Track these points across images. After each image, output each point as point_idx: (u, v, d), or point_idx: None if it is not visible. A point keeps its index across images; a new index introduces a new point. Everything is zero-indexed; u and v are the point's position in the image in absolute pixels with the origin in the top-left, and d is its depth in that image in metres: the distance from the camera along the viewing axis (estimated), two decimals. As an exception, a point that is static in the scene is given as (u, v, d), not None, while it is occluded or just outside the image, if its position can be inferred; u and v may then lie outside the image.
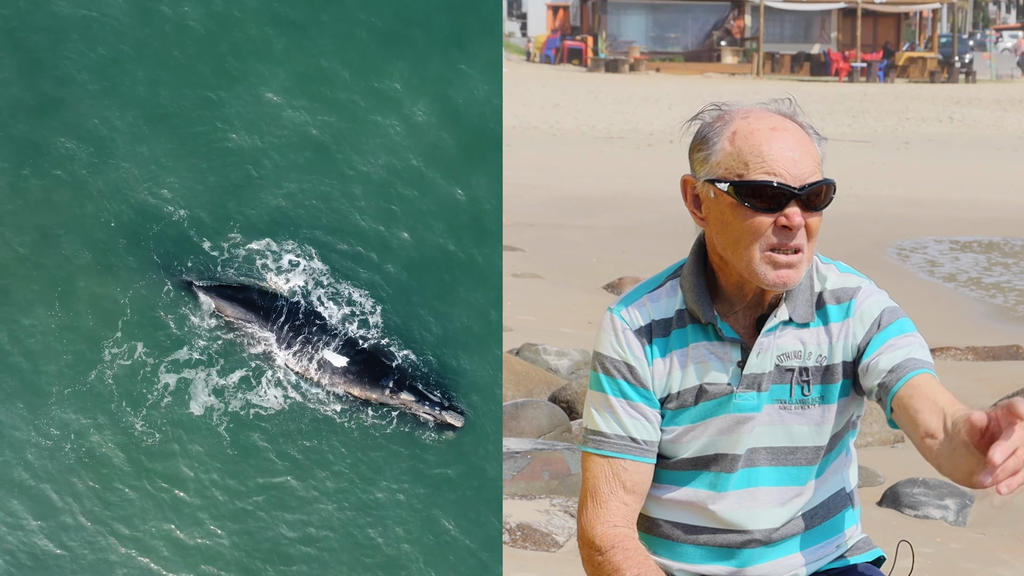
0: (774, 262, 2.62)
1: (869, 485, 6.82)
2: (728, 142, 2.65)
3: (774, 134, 2.63)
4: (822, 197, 2.63)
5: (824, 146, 2.73)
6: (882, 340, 2.67)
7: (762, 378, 2.71)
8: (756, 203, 2.61)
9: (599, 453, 2.76)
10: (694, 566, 2.80)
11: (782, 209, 2.60)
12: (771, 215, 2.61)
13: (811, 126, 2.71)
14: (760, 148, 2.62)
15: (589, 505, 2.75)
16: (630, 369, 2.75)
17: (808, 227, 2.63)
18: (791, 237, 2.62)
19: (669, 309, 2.77)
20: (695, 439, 2.75)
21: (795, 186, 2.60)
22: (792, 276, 2.63)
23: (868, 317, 2.70)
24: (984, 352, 10.71)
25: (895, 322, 2.70)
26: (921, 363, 2.63)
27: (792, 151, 2.62)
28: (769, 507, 2.76)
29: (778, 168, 2.61)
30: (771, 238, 2.62)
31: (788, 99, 2.74)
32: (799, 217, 2.60)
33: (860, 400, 2.78)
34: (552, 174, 22.68)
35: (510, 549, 5.54)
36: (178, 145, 5.75)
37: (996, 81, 49.97)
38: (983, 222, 19.46)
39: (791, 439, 2.74)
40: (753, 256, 2.63)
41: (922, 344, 2.68)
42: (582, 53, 51.74)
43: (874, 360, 2.66)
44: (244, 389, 5.49)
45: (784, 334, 2.72)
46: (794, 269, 2.63)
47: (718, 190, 2.64)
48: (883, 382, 2.63)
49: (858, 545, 2.88)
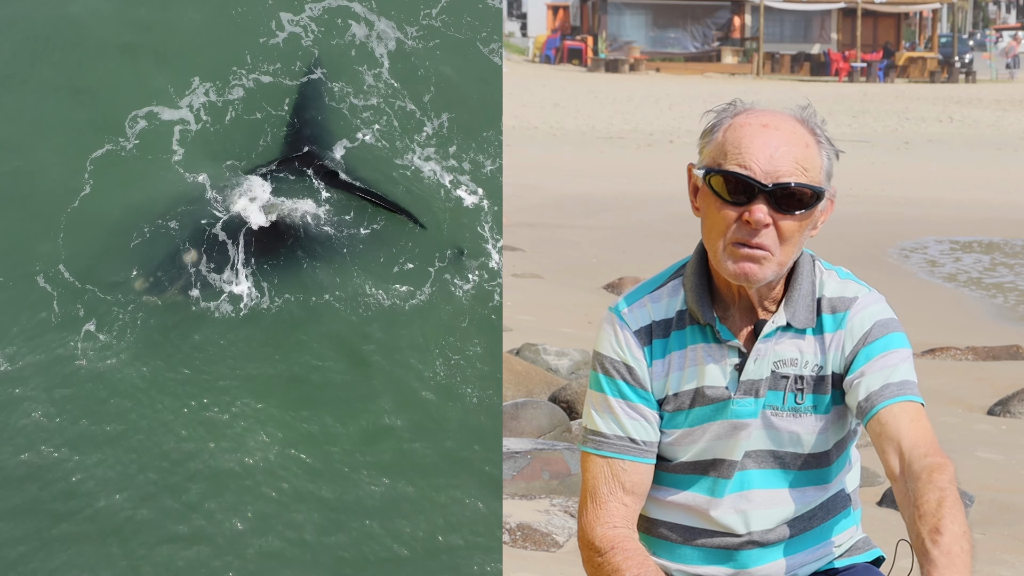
0: (735, 254, 2.62)
1: (869, 485, 6.82)
2: (722, 133, 2.65)
3: (762, 130, 2.62)
4: (796, 200, 2.60)
5: (831, 158, 2.67)
6: (866, 357, 2.67)
7: (759, 384, 2.71)
8: (725, 193, 2.61)
9: (599, 453, 2.75)
10: (693, 567, 2.80)
11: (749, 204, 2.60)
12: (737, 208, 2.60)
13: (825, 137, 2.67)
14: (741, 141, 2.62)
15: (589, 506, 2.75)
16: (629, 370, 2.75)
17: (779, 229, 2.60)
18: (753, 234, 2.59)
19: (670, 310, 2.76)
20: (693, 443, 2.75)
21: (764, 182, 2.59)
22: (752, 270, 2.61)
23: (858, 330, 2.69)
24: (984, 352, 10.71)
25: (882, 337, 2.68)
26: (895, 389, 2.63)
27: (772, 148, 2.60)
28: (764, 509, 2.75)
29: (750, 161, 2.60)
30: (736, 232, 2.61)
31: (811, 107, 2.72)
32: (762, 214, 2.58)
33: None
34: (552, 174, 22.66)
35: (510, 549, 5.54)
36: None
37: (996, 81, 49.96)
38: (983, 222, 19.44)
39: (779, 444, 2.73)
40: (719, 247, 2.63)
41: (904, 360, 2.67)
42: (582, 53, 51.71)
43: (856, 381, 2.66)
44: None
45: (782, 340, 2.71)
46: (757, 264, 2.61)
47: (703, 180, 2.65)
48: (859, 408, 2.65)
49: (857, 545, 2.88)
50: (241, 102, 6.01)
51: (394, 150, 6.01)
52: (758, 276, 2.62)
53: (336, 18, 6.28)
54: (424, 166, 5.97)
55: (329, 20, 6.25)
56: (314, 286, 5.69)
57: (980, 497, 6.63)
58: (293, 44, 6.20)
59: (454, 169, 5.99)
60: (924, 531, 2.45)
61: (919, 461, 2.54)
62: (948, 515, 2.45)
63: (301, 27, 6.19)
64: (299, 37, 6.17)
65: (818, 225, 2.68)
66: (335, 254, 5.77)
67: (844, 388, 2.69)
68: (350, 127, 6.06)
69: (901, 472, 2.56)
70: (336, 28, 6.27)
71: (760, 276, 2.62)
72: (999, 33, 60.51)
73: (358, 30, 6.21)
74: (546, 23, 57.10)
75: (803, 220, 2.62)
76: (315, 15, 6.19)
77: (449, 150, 6.03)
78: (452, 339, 5.67)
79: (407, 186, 5.95)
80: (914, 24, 54.41)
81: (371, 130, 6.02)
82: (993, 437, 8.18)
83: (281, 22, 6.15)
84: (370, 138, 5.99)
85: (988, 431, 8.35)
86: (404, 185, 5.95)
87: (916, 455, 2.55)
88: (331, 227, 5.77)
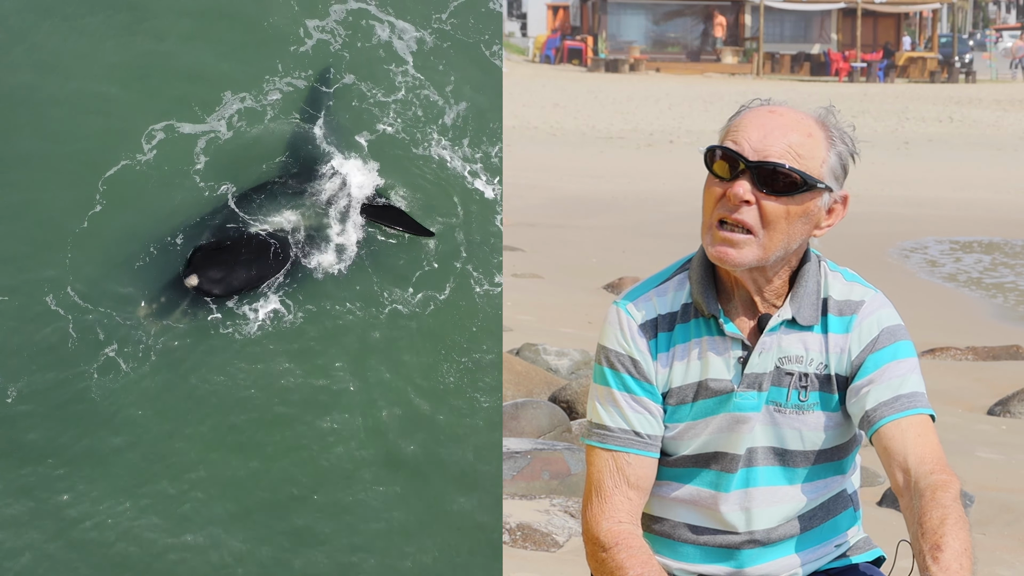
0: (715, 237, 2.62)
1: (869, 485, 6.82)
2: (735, 120, 2.67)
3: (767, 114, 2.63)
4: (780, 182, 2.59)
5: (843, 159, 2.66)
6: (874, 365, 2.67)
7: (763, 378, 2.71)
8: (716, 170, 2.62)
9: (603, 447, 2.75)
10: (694, 566, 2.80)
11: (733, 180, 2.60)
12: (723, 184, 2.61)
13: (842, 137, 2.65)
14: (743, 122, 2.63)
15: (594, 500, 2.74)
16: (634, 363, 2.74)
17: (762, 209, 2.59)
18: (733, 210, 2.59)
19: (675, 303, 2.76)
20: (695, 436, 2.75)
21: (750, 158, 2.59)
22: (730, 254, 2.61)
23: (867, 335, 2.69)
24: (984, 352, 10.71)
25: (891, 345, 2.68)
26: (905, 402, 2.64)
27: (768, 129, 2.60)
28: (766, 507, 2.75)
29: (741, 139, 2.61)
30: (719, 209, 2.62)
31: (834, 108, 2.71)
32: (742, 189, 2.58)
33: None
34: (552, 174, 22.65)
35: (510, 549, 5.54)
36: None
37: (996, 81, 49.93)
38: (983, 222, 19.44)
39: (782, 442, 2.73)
40: (705, 226, 2.64)
41: (913, 371, 2.68)
42: (582, 53, 51.68)
43: (863, 389, 2.66)
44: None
45: (788, 336, 2.71)
46: (735, 248, 2.60)
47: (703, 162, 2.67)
48: (865, 416, 2.65)
49: (858, 545, 2.88)
50: (273, 110, 6.02)
51: (414, 141, 6.03)
52: (736, 259, 2.61)
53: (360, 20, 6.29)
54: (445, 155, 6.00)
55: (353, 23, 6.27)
56: (335, 297, 5.69)
57: (980, 497, 6.63)
58: (321, 50, 6.20)
59: (468, 159, 6.02)
60: (926, 548, 2.47)
61: (925, 479, 2.55)
62: (950, 532, 2.47)
63: (328, 32, 6.21)
64: (327, 43, 6.19)
65: (821, 225, 2.67)
66: (352, 264, 5.78)
67: (848, 394, 2.69)
68: (373, 121, 6.08)
69: (906, 487, 2.58)
70: (360, 30, 6.28)
71: (738, 259, 2.61)
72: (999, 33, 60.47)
73: (381, 31, 6.23)
74: (546, 23, 57.05)
75: (788, 205, 2.60)
76: (340, 19, 6.20)
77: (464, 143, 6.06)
78: (459, 339, 5.68)
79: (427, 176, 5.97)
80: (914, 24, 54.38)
81: (394, 122, 6.03)
82: (993, 437, 8.18)
83: (308, 29, 6.15)
84: (392, 130, 6.01)
85: (988, 431, 8.35)
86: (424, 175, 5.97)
87: (922, 472, 2.56)
88: (348, 236, 5.79)
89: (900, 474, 2.59)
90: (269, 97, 6.00)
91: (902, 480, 2.59)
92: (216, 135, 5.89)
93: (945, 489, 2.53)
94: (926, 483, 2.55)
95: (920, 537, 2.49)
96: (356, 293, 5.72)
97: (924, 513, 2.51)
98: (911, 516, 2.54)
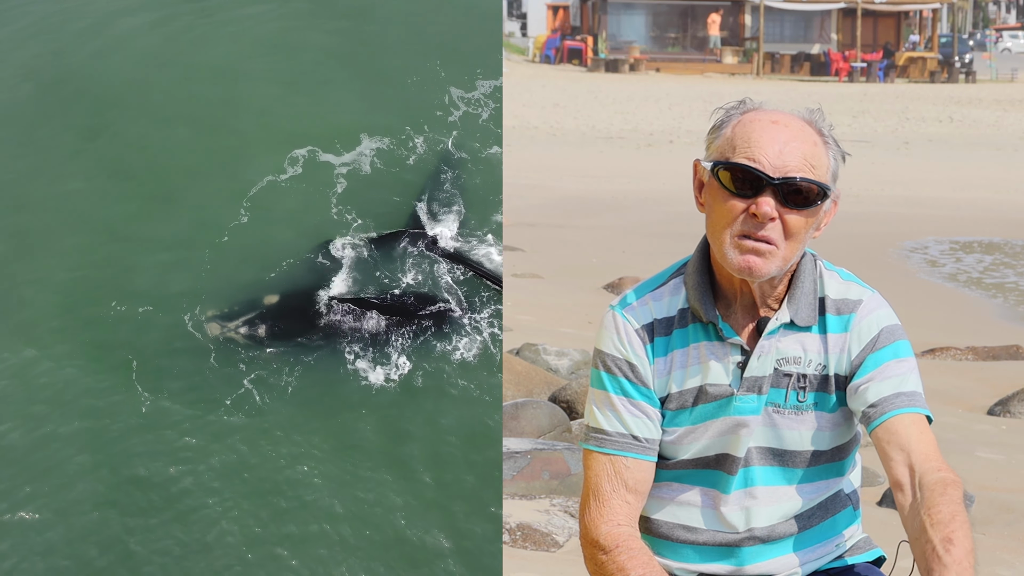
0: (740, 247, 2.62)
1: (869, 485, 6.81)
2: (731, 129, 2.66)
3: (772, 126, 2.63)
4: (803, 196, 2.60)
5: (838, 160, 2.68)
6: (875, 363, 2.67)
7: (762, 381, 2.71)
8: (732, 186, 2.61)
9: (601, 451, 2.75)
10: (695, 565, 2.80)
11: (756, 196, 2.60)
12: (745, 200, 2.61)
13: (832, 138, 2.69)
14: (751, 135, 2.63)
15: (592, 504, 2.74)
16: (631, 367, 2.75)
17: (785, 224, 2.60)
18: (760, 227, 2.60)
19: (672, 308, 2.77)
20: (695, 441, 2.75)
21: (772, 175, 2.59)
22: (758, 264, 2.61)
23: (866, 335, 2.70)
24: (984, 352, 10.70)
25: (890, 344, 2.69)
26: (906, 400, 2.64)
27: (782, 143, 2.61)
28: (766, 506, 2.76)
29: (758, 154, 2.60)
30: (742, 225, 2.61)
31: (820, 110, 2.73)
32: (768, 207, 2.59)
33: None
34: (552, 174, 22.64)
35: (510, 549, 5.53)
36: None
37: (996, 81, 49.92)
38: (983, 222, 19.43)
39: (781, 442, 2.73)
40: (724, 240, 2.63)
41: (913, 371, 2.68)
42: (582, 53, 51.67)
43: (864, 385, 2.66)
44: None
45: (786, 338, 2.71)
46: (762, 257, 2.61)
47: (711, 173, 2.65)
48: (866, 413, 2.65)
49: (858, 545, 2.88)
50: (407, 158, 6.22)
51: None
52: (762, 270, 2.61)
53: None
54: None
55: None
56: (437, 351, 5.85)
57: (980, 497, 6.62)
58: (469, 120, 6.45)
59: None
60: (936, 538, 2.45)
61: (932, 474, 2.54)
62: (960, 529, 2.46)
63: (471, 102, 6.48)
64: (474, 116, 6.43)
65: (821, 226, 2.68)
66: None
67: (848, 391, 2.69)
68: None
69: (910, 482, 2.57)
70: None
71: (764, 270, 2.62)
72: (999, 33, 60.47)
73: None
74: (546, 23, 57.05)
75: (808, 217, 2.62)
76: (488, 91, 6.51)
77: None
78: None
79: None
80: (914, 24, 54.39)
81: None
82: (993, 437, 8.18)
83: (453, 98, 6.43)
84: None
85: (988, 431, 8.34)
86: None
87: (928, 468, 2.56)
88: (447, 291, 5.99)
89: (903, 469, 2.58)
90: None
91: (906, 475, 2.58)
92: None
93: (955, 487, 2.53)
94: (934, 478, 2.53)
95: (929, 527, 2.47)
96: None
97: (934, 505, 2.49)
98: (913, 509, 2.53)
